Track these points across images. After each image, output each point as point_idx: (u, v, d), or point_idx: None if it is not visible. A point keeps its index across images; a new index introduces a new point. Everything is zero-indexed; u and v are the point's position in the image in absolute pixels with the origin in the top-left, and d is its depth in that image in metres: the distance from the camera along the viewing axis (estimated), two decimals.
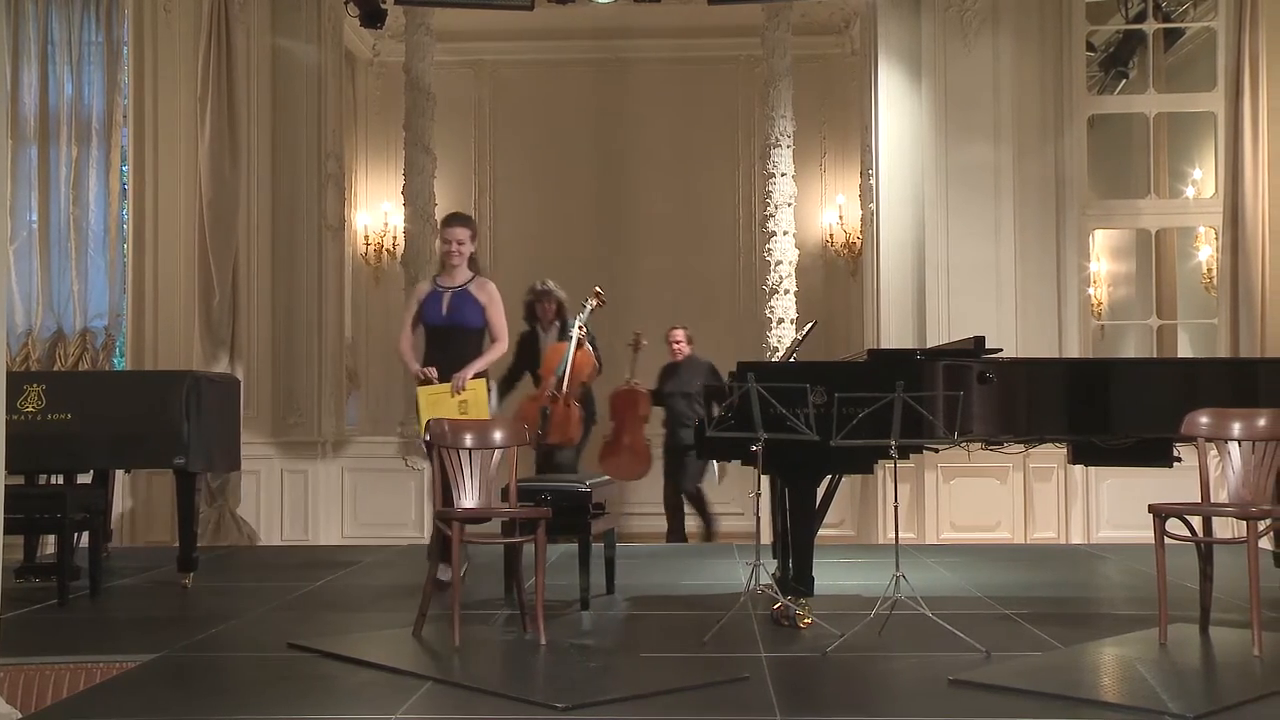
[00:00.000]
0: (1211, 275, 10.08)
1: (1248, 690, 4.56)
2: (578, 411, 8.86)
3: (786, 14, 9.99)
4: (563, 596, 6.29)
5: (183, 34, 9.61)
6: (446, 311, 7.11)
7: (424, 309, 7.18)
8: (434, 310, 7.16)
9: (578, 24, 10.42)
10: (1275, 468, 5.33)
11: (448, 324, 7.09)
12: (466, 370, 6.91)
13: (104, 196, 9.74)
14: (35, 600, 6.53)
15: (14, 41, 9.20)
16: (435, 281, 7.29)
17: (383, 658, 5.14)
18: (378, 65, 11.67)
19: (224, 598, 6.81)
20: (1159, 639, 5.32)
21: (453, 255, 7.19)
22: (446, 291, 7.16)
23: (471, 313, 7.10)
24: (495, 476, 5.68)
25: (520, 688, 4.64)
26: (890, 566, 5.67)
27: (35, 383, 6.90)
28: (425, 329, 7.22)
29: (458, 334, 7.11)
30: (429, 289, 7.26)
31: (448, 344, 7.10)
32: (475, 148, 11.76)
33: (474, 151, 11.76)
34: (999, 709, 4.30)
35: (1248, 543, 5.23)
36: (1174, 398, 5.91)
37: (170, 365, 9.08)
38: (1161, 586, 5.34)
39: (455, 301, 7.10)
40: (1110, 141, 10.22)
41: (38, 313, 9.57)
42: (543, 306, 9.20)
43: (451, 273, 7.23)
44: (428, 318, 7.18)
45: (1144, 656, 5.13)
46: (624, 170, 11.31)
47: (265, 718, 4.29)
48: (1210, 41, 9.66)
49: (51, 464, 6.93)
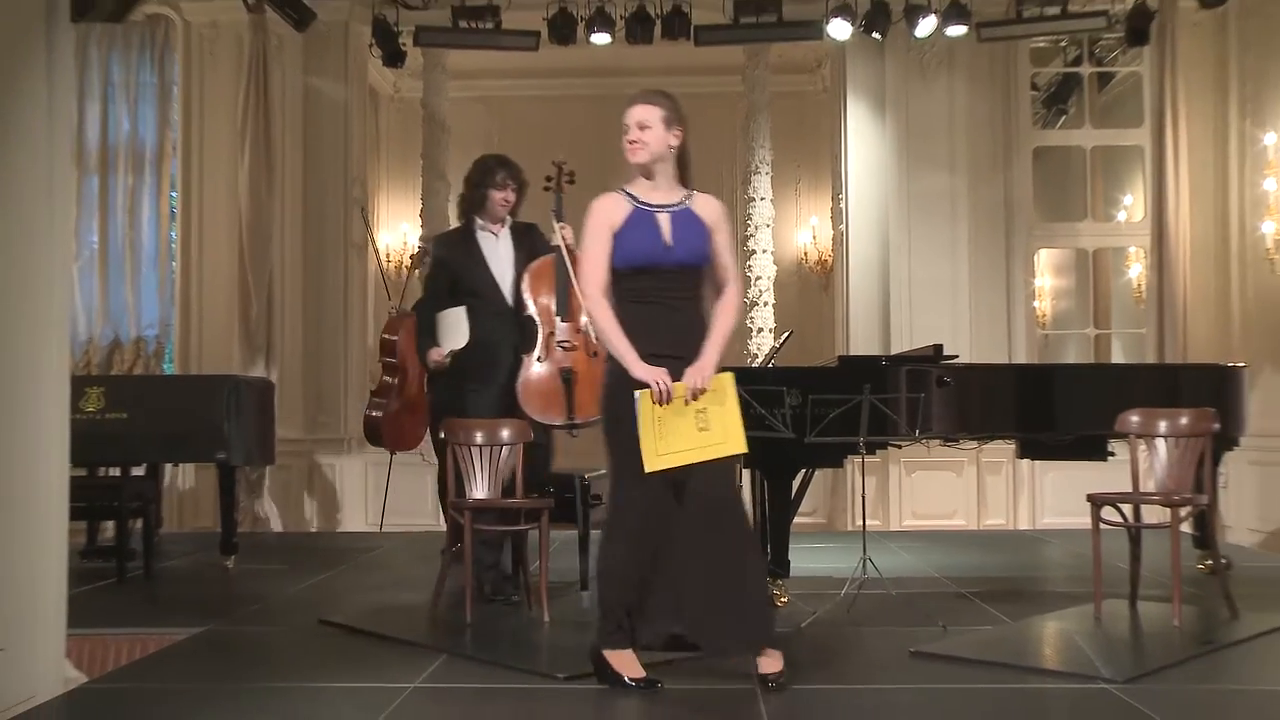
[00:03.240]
0: (1141, 290, 10.13)
1: (1169, 656, 4.64)
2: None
3: (765, 55, 10.03)
4: (564, 578, 6.27)
5: (225, 75, 9.63)
6: (672, 240, 4.11)
7: (623, 240, 4.09)
8: (649, 239, 4.08)
9: (578, 63, 10.44)
10: (1195, 460, 5.38)
11: (676, 264, 4.09)
12: (706, 357, 4.04)
13: (155, 219, 9.77)
14: (97, 579, 6.58)
15: (80, 83, 9.20)
16: (629, 194, 4.17)
17: (403, 632, 5.16)
18: (398, 100, 11.68)
19: (261, 578, 6.82)
20: (1094, 613, 5.36)
21: (637, 150, 4.12)
22: (662, 211, 4.16)
23: (700, 243, 4.13)
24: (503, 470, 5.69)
25: (525, 660, 4.64)
26: (858, 550, 5.71)
27: (95, 385, 6.90)
28: (623, 274, 4.10)
29: (687, 282, 4.15)
30: (626, 206, 4.13)
31: (675, 306, 4.11)
32: None
33: None
34: (954, 677, 4.34)
35: (1171, 527, 5.28)
36: (1108, 399, 5.92)
37: (213, 369, 9.09)
38: (1097, 567, 5.40)
39: (680, 226, 4.13)
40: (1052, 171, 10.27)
41: (97, 323, 9.62)
42: (498, 191, 5.96)
43: (656, 181, 4.18)
44: (633, 253, 4.08)
45: (1081, 629, 5.18)
46: None
47: (299, 684, 4.32)
48: (1137, 84, 9.73)
49: (109, 458, 6.96)
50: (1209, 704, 4.01)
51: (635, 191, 4.17)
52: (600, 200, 4.16)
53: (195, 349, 9.61)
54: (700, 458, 3.96)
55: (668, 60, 10.33)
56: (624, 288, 4.10)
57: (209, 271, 9.64)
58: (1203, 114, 9.26)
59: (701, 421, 3.96)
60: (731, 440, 3.99)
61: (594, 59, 10.18)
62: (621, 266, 4.08)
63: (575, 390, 5.69)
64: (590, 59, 10.17)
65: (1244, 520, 8.76)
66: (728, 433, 3.99)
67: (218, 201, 9.61)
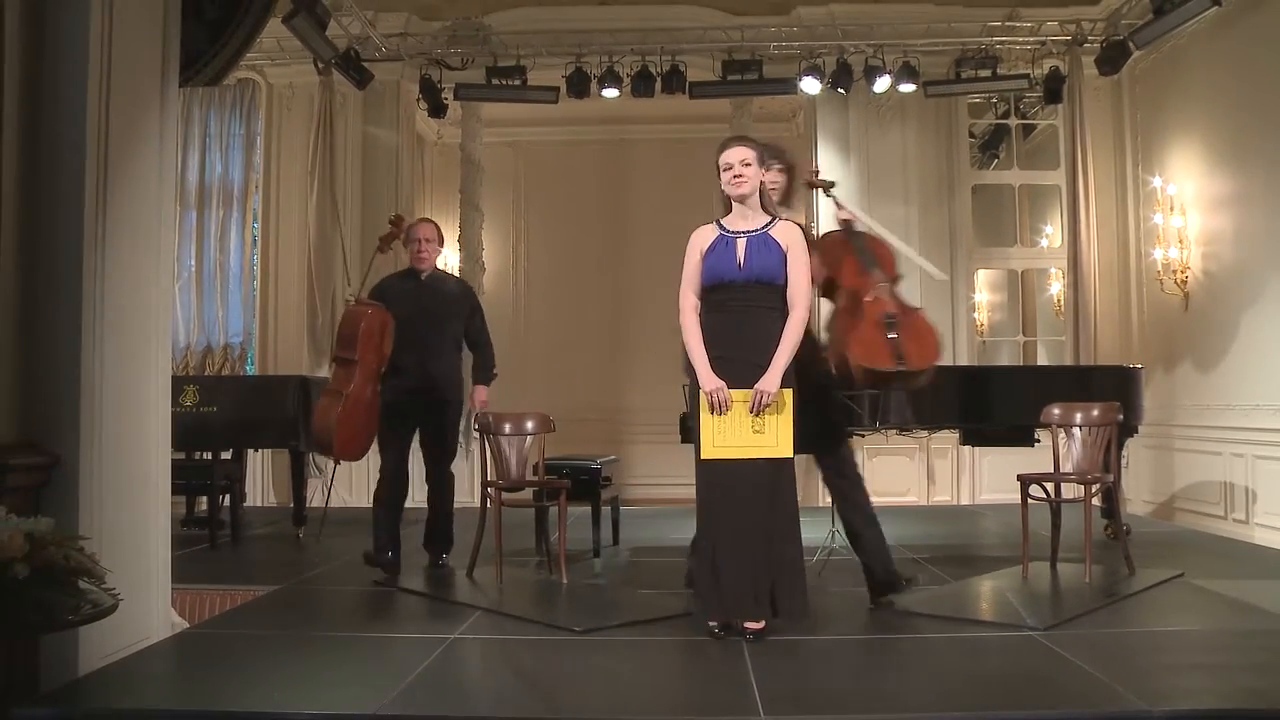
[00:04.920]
0: (1060, 304, 10.14)
1: (1081, 607, 4.71)
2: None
3: (748, 106, 10.04)
4: (580, 547, 6.30)
5: (299, 126, 9.68)
6: (744, 260, 4.12)
7: (707, 261, 4.18)
8: (726, 260, 4.13)
9: (591, 113, 10.44)
10: (1104, 445, 5.43)
11: (746, 280, 4.11)
12: (774, 369, 4.04)
13: (240, 246, 9.81)
14: (193, 544, 6.64)
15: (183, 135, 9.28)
16: (719, 223, 4.27)
17: (444, 592, 5.20)
18: (440, 145, 11.71)
19: (326, 546, 6.86)
20: (1022, 573, 5.42)
21: (741, 184, 4.17)
22: (741, 236, 4.20)
23: (775, 263, 4.12)
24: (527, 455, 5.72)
25: (547, 615, 4.68)
26: (828, 524, 5.76)
27: (191, 384, 6.96)
28: (707, 289, 4.18)
29: (759, 295, 4.12)
30: (713, 233, 4.23)
31: (745, 315, 4.11)
32: (513, 207, 11.74)
33: (512, 210, 11.74)
34: (906, 628, 4.40)
35: (1085, 501, 5.34)
36: (1034, 395, 5.96)
37: (286, 371, 9.11)
38: (1025, 534, 5.45)
39: (755, 248, 4.14)
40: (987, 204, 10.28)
41: (194, 332, 9.66)
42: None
43: (744, 211, 4.22)
44: (711, 271, 4.15)
45: (1011, 586, 5.23)
46: (627, 226, 11.32)
47: (358, 634, 4.38)
48: (1054, 134, 9.77)
49: (202, 444, 6.98)
50: (1113, 644, 4.05)
51: (724, 221, 4.29)
52: (696, 231, 4.31)
53: (272, 354, 9.62)
54: (750, 454, 4.04)
55: (666, 111, 10.37)
56: (708, 300, 4.19)
57: (283, 289, 9.67)
58: (1105, 160, 9.34)
59: (757, 425, 4.04)
60: (781, 445, 4.08)
61: (605, 109, 10.21)
62: (706, 283, 4.19)
63: (901, 336, 4.67)
64: (601, 109, 10.19)
65: (1140, 494, 8.82)
66: (779, 438, 4.07)
67: (291, 230, 9.66)
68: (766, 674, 3.65)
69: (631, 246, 11.15)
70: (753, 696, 3.39)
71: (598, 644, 4.16)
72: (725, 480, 4.09)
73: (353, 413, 5.55)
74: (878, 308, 4.68)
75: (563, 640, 4.23)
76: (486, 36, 9.36)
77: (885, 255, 4.90)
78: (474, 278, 9.99)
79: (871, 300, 4.70)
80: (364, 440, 5.66)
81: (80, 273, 3.65)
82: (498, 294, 11.21)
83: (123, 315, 3.88)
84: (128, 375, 3.92)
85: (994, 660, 3.90)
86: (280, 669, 3.82)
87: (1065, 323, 9.34)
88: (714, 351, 4.11)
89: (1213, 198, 7.93)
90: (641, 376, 10.31)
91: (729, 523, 4.09)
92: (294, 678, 3.73)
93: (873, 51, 9.08)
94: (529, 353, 11.01)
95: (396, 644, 4.20)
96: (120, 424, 3.86)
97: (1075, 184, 9.09)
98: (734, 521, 4.08)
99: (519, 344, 11.03)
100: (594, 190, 11.63)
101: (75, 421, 3.62)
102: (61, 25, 3.67)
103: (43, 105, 3.65)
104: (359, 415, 5.58)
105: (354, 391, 5.56)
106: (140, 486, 4.01)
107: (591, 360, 11.18)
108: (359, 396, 5.58)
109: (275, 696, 3.45)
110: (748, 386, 4.05)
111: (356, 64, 9.10)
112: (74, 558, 3.11)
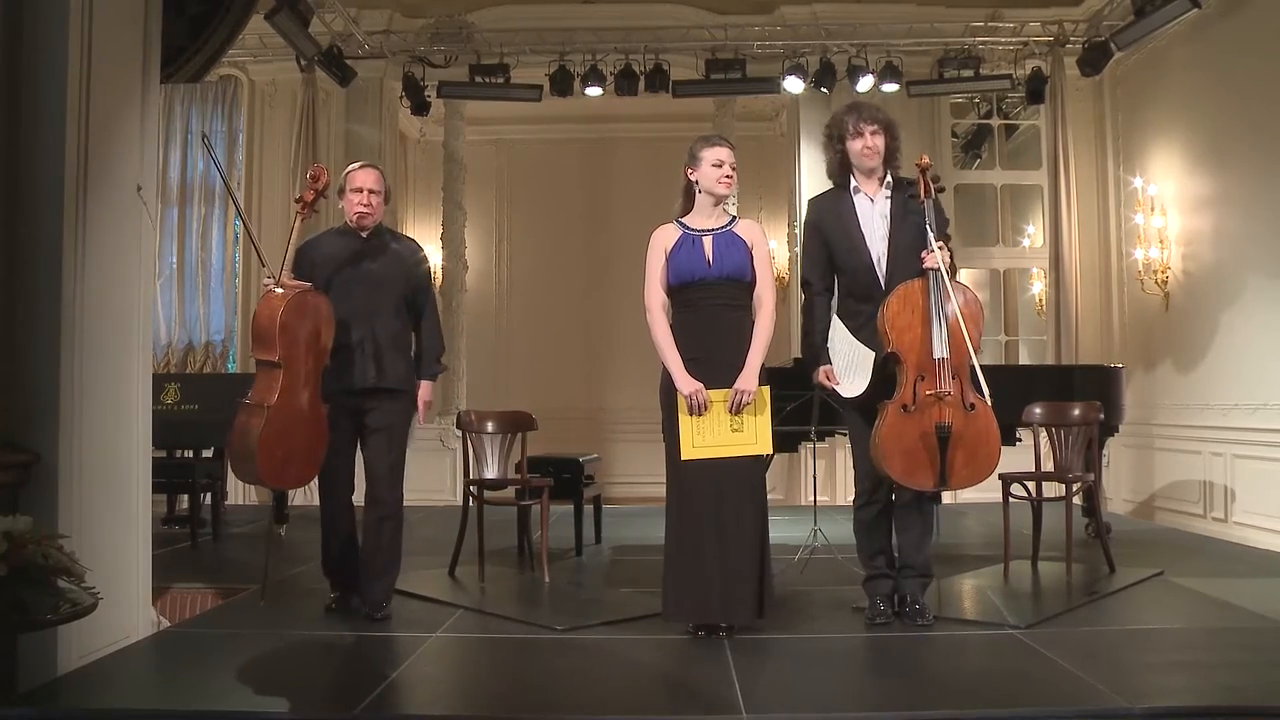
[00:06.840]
0: (1041, 304, 10.20)
1: (1062, 605, 4.74)
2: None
3: (731, 105, 10.08)
4: (562, 546, 6.29)
5: (281, 123, 9.67)
6: (713, 258, 4.07)
7: (672, 260, 4.10)
8: (694, 258, 4.07)
9: (574, 111, 10.45)
10: (1085, 445, 5.46)
11: (718, 278, 4.06)
12: (750, 368, 4.04)
13: (222, 244, 9.78)
14: (174, 542, 6.61)
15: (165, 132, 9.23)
16: (680, 222, 4.21)
17: (425, 591, 5.17)
18: (424, 143, 11.69)
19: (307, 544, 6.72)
20: (1003, 571, 5.44)
21: (731, 184, 4.16)
22: (707, 234, 4.15)
23: (743, 260, 4.09)
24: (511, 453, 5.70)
25: (529, 614, 4.67)
26: (810, 522, 5.77)
27: (172, 382, 6.94)
28: (674, 289, 4.11)
29: (730, 293, 4.08)
30: (676, 232, 4.16)
31: (716, 314, 4.06)
32: (496, 205, 11.73)
33: (495, 208, 11.73)
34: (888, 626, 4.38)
35: (1065, 500, 5.36)
36: (1016, 394, 5.92)
37: None
38: (1006, 533, 5.47)
39: (722, 245, 4.10)
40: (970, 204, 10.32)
41: (175, 330, 9.63)
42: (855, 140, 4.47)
43: (708, 210, 4.18)
44: (680, 270, 4.08)
45: (993, 584, 5.25)
46: (608, 223, 11.33)
47: (339, 633, 4.37)
48: (1037, 134, 9.83)
49: (183, 442, 6.96)
50: (1094, 642, 4.07)
51: (686, 219, 4.25)
52: (658, 230, 4.24)
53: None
54: (730, 453, 4.03)
55: (650, 109, 10.38)
56: (677, 299, 4.14)
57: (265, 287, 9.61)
58: (1087, 161, 9.40)
59: (736, 424, 4.03)
60: (760, 442, 4.07)
61: (587, 108, 10.21)
62: (675, 281, 4.12)
63: (953, 453, 4.03)
64: (584, 108, 10.20)
65: (1120, 493, 8.87)
66: (758, 435, 4.07)
67: (272, 228, 9.58)
68: (748, 672, 3.66)
69: (614, 245, 11.14)
70: (735, 694, 3.39)
71: (580, 643, 4.16)
72: (705, 479, 4.07)
73: (282, 432, 4.26)
74: (934, 414, 4.00)
75: (545, 639, 4.23)
76: (470, 34, 9.34)
77: (971, 329, 4.04)
78: (457, 276, 9.98)
79: (931, 397, 4.01)
80: (303, 466, 4.42)
81: (60, 270, 3.62)
82: (481, 292, 11.20)
83: (103, 313, 3.86)
84: (108, 373, 3.90)
85: (976, 658, 3.91)
86: (261, 668, 3.79)
87: (1047, 322, 9.41)
88: (688, 354, 4.06)
89: (1193, 198, 7.99)
90: (624, 375, 10.33)
91: (709, 522, 4.08)
92: (275, 677, 3.71)
93: (856, 51, 9.10)
94: (511, 351, 11.00)
95: (378, 643, 4.18)
96: (101, 422, 3.84)
97: (1057, 184, 9.17)
98: (713, 521, 4.07)
99: (502, 341, 11.01)
100: (577, 188, 11.62)
101: (55, 419, 3.59)
102: (40, 21, 3.64)
103: (21, 101, 3.62)
104: (292, 434, 4.30)
105: (279, 403, 4.26)
106: (121, 485, 3.98)
107: (574, 358, 11.18)
108: (287, 408, 4.28)
109: (256, 696, 3.42)
110: (725, 386, 4.04)
111: (339, 61, 9.06)
112: (53, 556, 3.09)
